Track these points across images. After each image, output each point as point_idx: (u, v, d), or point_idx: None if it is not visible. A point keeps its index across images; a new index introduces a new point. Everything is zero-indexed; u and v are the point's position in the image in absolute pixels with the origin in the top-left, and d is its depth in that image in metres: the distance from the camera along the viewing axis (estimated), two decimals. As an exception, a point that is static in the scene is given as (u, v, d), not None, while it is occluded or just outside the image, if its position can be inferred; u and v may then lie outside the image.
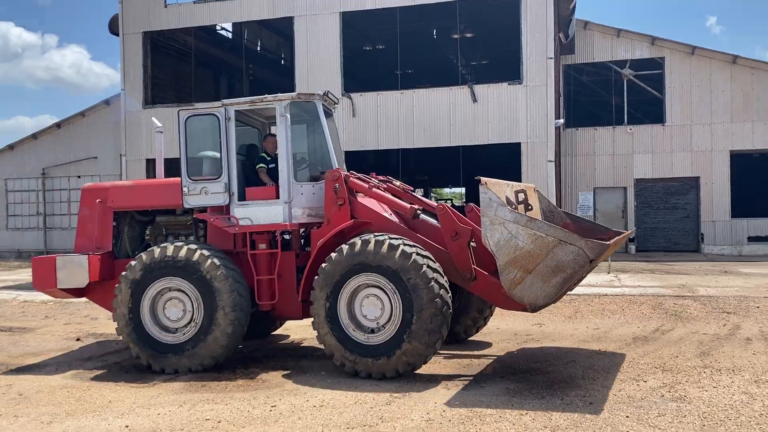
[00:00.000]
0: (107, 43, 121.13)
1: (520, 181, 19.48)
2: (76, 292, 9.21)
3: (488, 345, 9.37)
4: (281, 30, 25.20)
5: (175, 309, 8.18)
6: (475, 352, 8.94)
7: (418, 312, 7.25)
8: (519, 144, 20.49)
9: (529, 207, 8.55)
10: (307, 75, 22.03)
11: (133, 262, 8.29)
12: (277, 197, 8.36)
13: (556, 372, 7.76)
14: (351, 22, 22.21)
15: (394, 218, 8.29)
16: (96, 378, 8.15)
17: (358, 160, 22.11)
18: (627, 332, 9.97)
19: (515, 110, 20.45)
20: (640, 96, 24.74)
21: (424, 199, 8.84)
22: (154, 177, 10.15)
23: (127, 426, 6.22)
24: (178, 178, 8.72)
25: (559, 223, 8.79)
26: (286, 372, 8.16)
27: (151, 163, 23.51)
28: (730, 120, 23.35)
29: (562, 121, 22.57)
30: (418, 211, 8.22)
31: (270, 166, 8.73)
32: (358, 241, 7.59)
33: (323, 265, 7.68)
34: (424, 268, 7.30)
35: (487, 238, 6.99)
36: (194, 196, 8.55)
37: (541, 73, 20.19)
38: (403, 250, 7.38)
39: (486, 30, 24.60)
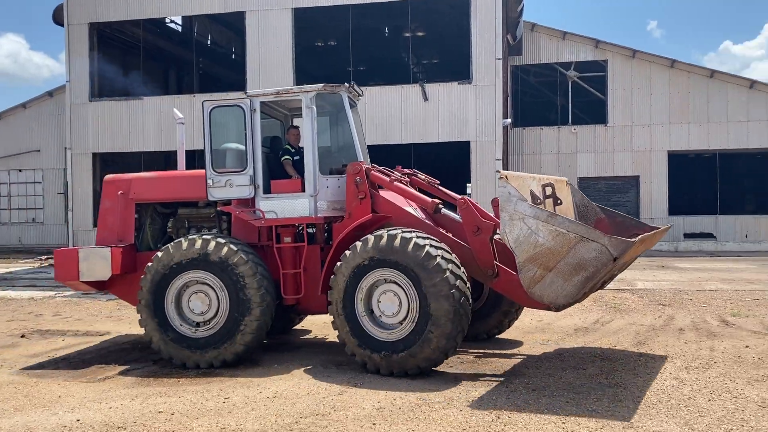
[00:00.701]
0: (48, 32, 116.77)
1: (468, 179, 19.91)
2: (98, 285, 9.09)
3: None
4: (232, 24, 24.96)
5: (200, 303, 8.02)
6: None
7: (434, 306, 7.01)
8: (468, 142, 20.89)
9: (558, 201, 8.28)
10: (258, 70, 21.93)
11: (159, 254, 8.15)
12: (303, 190, 8.25)
13: (503, 361, 8.05)
14: (303, 18, 22.19)
15: (416, 212, 8.09)
16: (44, 374, 8.02)
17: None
18: (569, 324, 10.38)
19: (465, 109, 20.83)
20: (584, 97, 25.54)
21: (450, 192, 8.62)
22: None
23: (78, 420, 6.18)
24: (202, 170, 8.59)
25: (593, 218, 8.72)
26: (239, 365, 8.17)
27: (97, 157, 23.02)
28: (668, 121, 24.35)
29: (509, 120, 23.11)
30: (440, 206, 8.09)
31: (294, 158, 8.61)
32: (371, 237, 7.41)
33: (339, 261, 7.57)
34: (438, 259, 7.05)
35: (506, 233, 6.70)
36: (219, 189, 8.41)
37: (490, 73, 20.62)
38: (415, 243, 7.15)
39: (437, 29, 24.95)
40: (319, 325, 10.39)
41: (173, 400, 6.74)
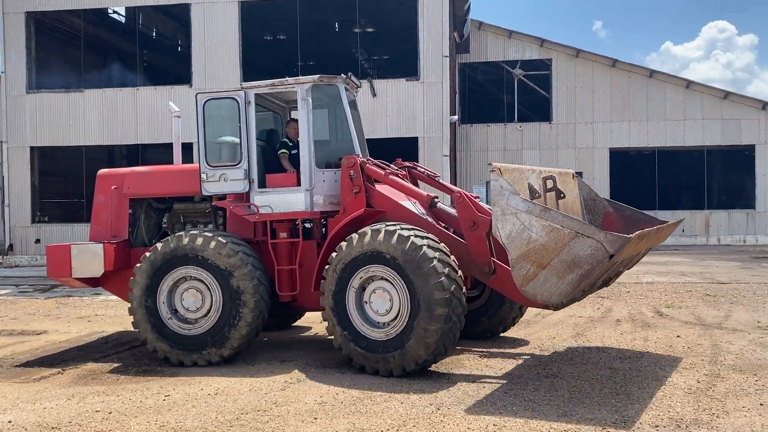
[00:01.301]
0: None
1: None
2: (92, 282, 8.87)
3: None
4: (178, 16, 24.45)
5: (193, 299, 7.86)
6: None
7: (425, 303, 6.76)
8: (416, 138, 21.05)
9: (561, 195, 7.97)
10: (204, 63, 21.56)
11: (150, 251, 7.98)
12: (298, 184, 8.07)
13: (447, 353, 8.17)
14: (250, 11, 21.93)
15: (412, 207, 7.84)
16: (-25, 375, 7.76)
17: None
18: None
19: (413, 106, 20.98)
20: (530, 95, 26.04)
21: (450, 185, 8.33)
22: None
23: (10, 421, 6.00)
24: (197, 165, 8.41)
25: (601, 212, 8.50)
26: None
27: (35, 151, 22.26)
28: (609, 119, 25.06)
29: (456, 117, 23.39)
30: (435, 200, 7.95)
31: (292, 152, 8.42)
32: (360, 233, 7.20)
33: (332, 256, 7.38)
34: (429, 254, 6.80)
35: (498, 229, 6.44)
36: (213, 183, 8.23)
37: (437, 70, 20.81)
38: (401, 235, 6.92)
39: (386, 26, 25.01)
40: (322, 323, 10.24)
41: (111, 399, 6.61)
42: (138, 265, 7.97)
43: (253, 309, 7.64)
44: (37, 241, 21.98)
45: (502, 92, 26.47)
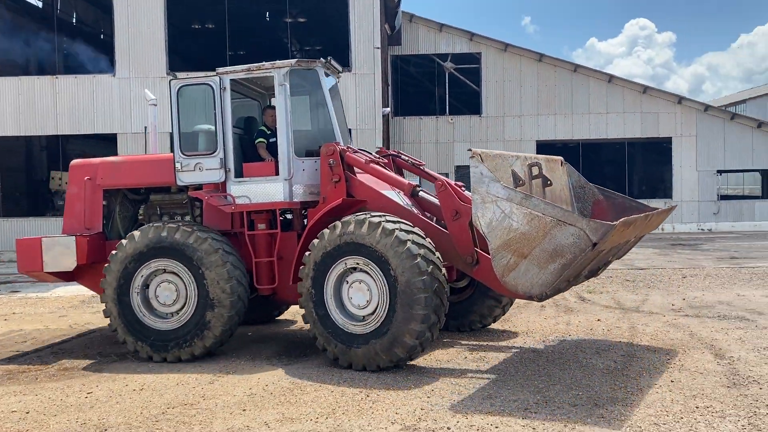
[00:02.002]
0: None
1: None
2: (65, 276, 8.47)
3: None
4: (99, 2, 23.58)
5: (167, 293, 7.56)
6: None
7: (404, 293, 6.54)
8: (349, 130, 20.98)
9: (548, 182, 7.76)
10: (128, 51, 20.91)
11: (123, 242, 7.65)
12: (277, 174, 7.77)
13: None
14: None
15: (395, 196, 7.61)
16: None
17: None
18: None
19: (345, 97, 20.76)
20: (461, 88, 26.46)
21: (434, 174, 7.99)
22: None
23: None
24: (172, 154, 8.03)
25: (591, 200, 8.30)
26: (104, 359, 7.90)
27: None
28: (536, 113, 25.78)
29: (389, 109, 23.52)
30: (417, 188, 7.72)
31: (271, 140, 8.07)
32: (338, 223, 6.98)
33: (310, 248, 7.14)
34: (408, 244, 6.57)
35: (478, 218, 6.20)
36: (188, 173, 7.89)
37: (369, 62, 20.87)
38: (384, 227, 6.67)
39: (317, 16, 24.86)
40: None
41: (29, 399, 6.37)
42: (113, 253, 7.71)
43: (229, 307, 7.41)
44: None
45: (434, 85, 26.78)
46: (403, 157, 8.65)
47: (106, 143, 22.10)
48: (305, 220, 8.00)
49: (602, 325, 8.97)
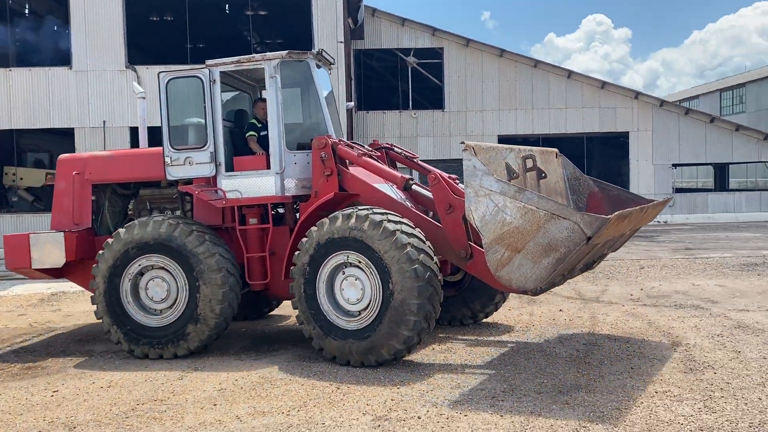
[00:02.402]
0: None
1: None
2: (54, 273, 8.27)
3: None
4: (54, -8, 22.97)
5: (158, 289, 7.44)
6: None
7: (398, 292, 6.44)
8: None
9: (543, 175, 7.66)
10: (85, 43, 20.45)
11: (110, 240, 7.48)
12: (268, 167, 7.61)
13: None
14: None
15: (388, 190, 7.48)
16: None
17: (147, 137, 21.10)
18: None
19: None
20: (424, 83, 26.61)
21: (428, 166, 7.86)
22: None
23: None
24: (162, 148, 7.87)
25: (586, 192, 8.19)
26: (69, 358, 7.79)
27: None
28: (498, 108, 26.11)
29: (352, 103, 23.54)
30: (411, 181, 7.56)
31: (262, 133, 7.91)
32: (327, 218, 6.87)
33: (302, 241, 7.00)
34: (398, 235, 6.47)
35: (471, 211, 6.12)
36: (177, 167, 7.75)
37: (332, 56, 20.80)
38: (372, 220, 6.57)
39: (279, 10, 24.68)
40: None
41: (-7, 398, 6.27)
42: (101, 252, 7.60)
43: (221, 300, 7.30)
44: None
45: (397, 79, 26.89)
46: (396, 149, 8.55)
47: (62, 138, 21.61)
48: (297, 215, 7.90)
49: (564, 315, 9.22)
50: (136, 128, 20.89)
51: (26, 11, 25.68)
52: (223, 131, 7.78)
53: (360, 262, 6.70)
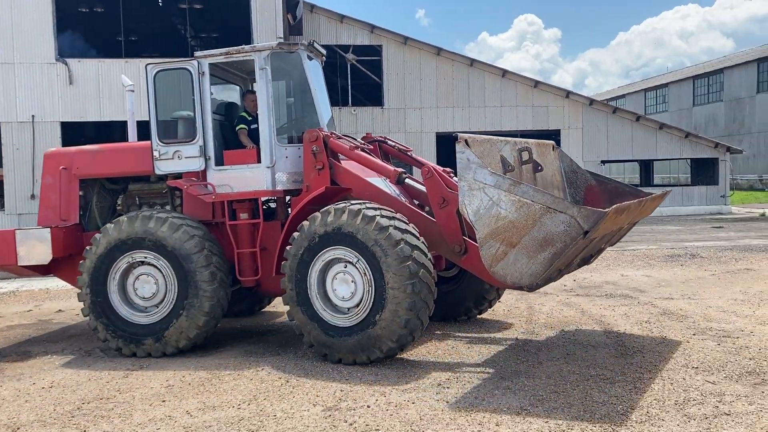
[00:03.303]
0: None
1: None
2: (41, 270, 7.99)
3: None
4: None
5: (147, 286, 7.25)
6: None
7: (391, 288, 6.32)
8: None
9: (539, 167, 7.52)
10: (11, 35, 19.61)
11: (98, 235, 7.25)
12: (259, 161, 7.45)
13: (286, 330, 8.40)
14: (64, -19, 20.29)
15: (381, 183, 7.36)
16: None
17: (76, 133, 20.48)
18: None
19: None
20: (363, 80, 26.72)
21: (422, 159, 7.71)
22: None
23: None
24: (150, 142, 7.62)
25: (583, 185, 8.03)
26: (3, 360, 7.55)
27: None
28: (435, 105, 26.50)
29: (292, 99, 23.40)
30: (404, 175, 7.41)
31: (252, 126, 7.73)
32: (318, 213, 6.74)
33: (291, 238, 6.88)
34: (391, 230, 6.37)
35: (464, 205, 5.97)
36: (166, 161, 7.54)
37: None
38: (366, 215, 6.45)
39: (216, 3, 24.28)
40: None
41: (-74, 403, 6.04)
42: (87, 248, 7.41)
43: (210, 297, 7.18)
44: None
45: (336, 76, 26.87)
46: (389, 142, 8.45)
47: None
48: (289, 209, 7.76)
49: (503, 305, 9.54)
50: (67, 122, 20.31)
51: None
52: (213, 124, 7.65)
53: (352, 258, 6.57)
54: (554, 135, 27.71)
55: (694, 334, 7.55)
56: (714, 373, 6.12)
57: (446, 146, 27.23)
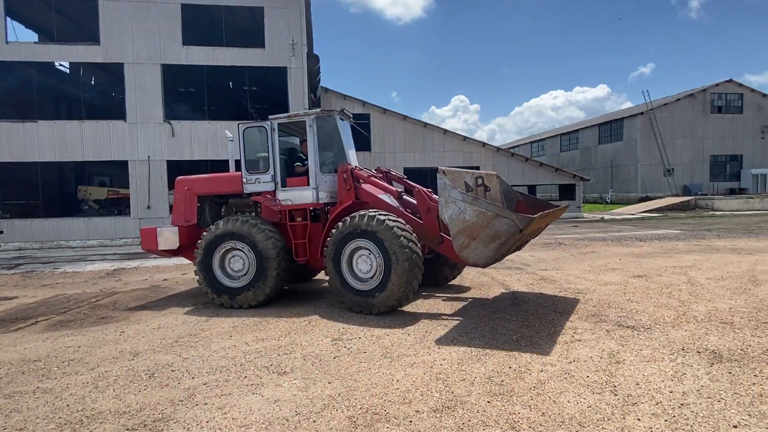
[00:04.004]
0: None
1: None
2: (172, 252, 7.91)
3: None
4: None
5: (237, 263, 7.23)
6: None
7: (395, 260, 6.22)
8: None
9: (488, 189, 7.41)
10: (135, 105, 19.31)
11: (205, 232, 7.31)
12: (308, 184, 7.37)
13: (310, 291, 8.31)
14: (170, 71, 20.01)
15: (387, 199, 7.22)
16: (-43, 331, 6.44)
17: (176, 167, 20.21)
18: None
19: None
20: (358, 135, 26.36)
21: (413, 184, 7.58)
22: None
23: (-4, 360, 5.16)
24: (240, 173, 7.68)
25: (515, 200, 7.96)
26: (130, 311, 7.41)
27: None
28: (403, 150, 26.49)
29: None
30: (402, 193, 7.35)
31: (305, 163, 7.57)
32: (348, 218, 6.65)
33: (332, 232, 6.77)
34: (394, 228, 6.30)
35: (443, 213, 5.91)
36: (250, 185, 7.50)
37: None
38: (378, 218, 6.38)
39: (266, 87, 24.13)
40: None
41: (78, 338, 5.92)
42: (199, 240, 7.44)
43: (276, 268, 7.10)
44: (0, 232, 18.34)
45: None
46: (392, 172, 8.29)
47: (119, 167, 20.31)
48: (328, 215, 7.67)
49: (461, 278, 9.46)
50: (171, 161, 20.02)
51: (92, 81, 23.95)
52: (280, 161, 7.62)
53: (370, 246, 6.48)
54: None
55: (559, 291, 7.58)
56: (571, 315, 6.16)
57: (411, 176, 27.24)
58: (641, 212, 27.73)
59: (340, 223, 6.75)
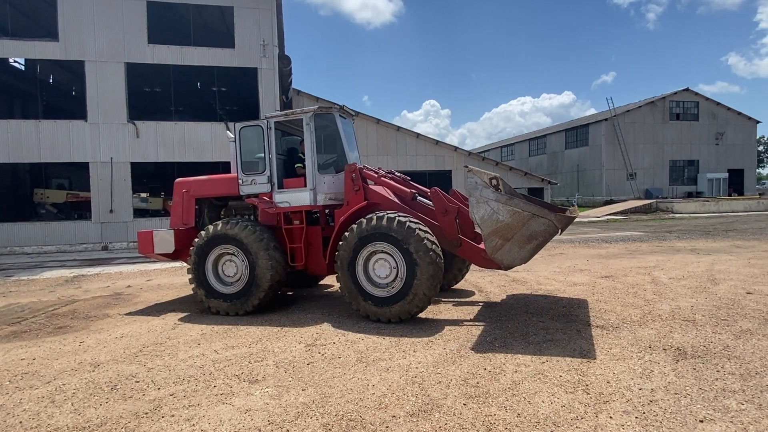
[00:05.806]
0: None
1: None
2: (169, 256, 7.52)
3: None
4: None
5: (231, 268, 6.88)
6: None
7: (420, 265, 5.87)
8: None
9: (499, 190, 7.16)
10: (97, 104, 18.52)
11: (199, 234, 6.93)
12: (305, 186, 7.02)
13: (283, 297, 8.16)
14: (134, 70, 19.32)
15: (397, 200, 6.93)
16: None
17: (140, 169, 19.52)
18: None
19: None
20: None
21: (418, 186, 7.36)
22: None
23: (-62, 376, 4.78)
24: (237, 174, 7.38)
25: None
26: (90, 320, 7.05)
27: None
28: (377, 154, 26.53)
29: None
30: (415, 194, 7.06)
31: (303, 163, 7.21)
32: (364, 219, 6.26)
33: (344, 235, 6.31)
34: (417, 231, 5.96)
35: (473, 213, 5.64)
36: (246, 186, 7.21)
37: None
38: (399, 221, 6.04)
39: (235, 88, 23.65)
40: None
41: (33, 350, 5.58)
42: (194, 241, 7.10)
43: (270, 271, 6.78)
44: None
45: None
46: (396, 174, 7.94)
47: (79, 169, 19.39)
48: (327, 218, 7.38)
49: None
50: (136, 163, 19.29)
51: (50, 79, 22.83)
52: (277, 161, 7.30)
53: (389, 249, 6.10)
54: (448, 173, 28.22)
55: (531, 293, 7.68)
56: (542, 315, 6.26)
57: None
58: (606, 215, 28.76)
59: (354, 226, 6.33)
